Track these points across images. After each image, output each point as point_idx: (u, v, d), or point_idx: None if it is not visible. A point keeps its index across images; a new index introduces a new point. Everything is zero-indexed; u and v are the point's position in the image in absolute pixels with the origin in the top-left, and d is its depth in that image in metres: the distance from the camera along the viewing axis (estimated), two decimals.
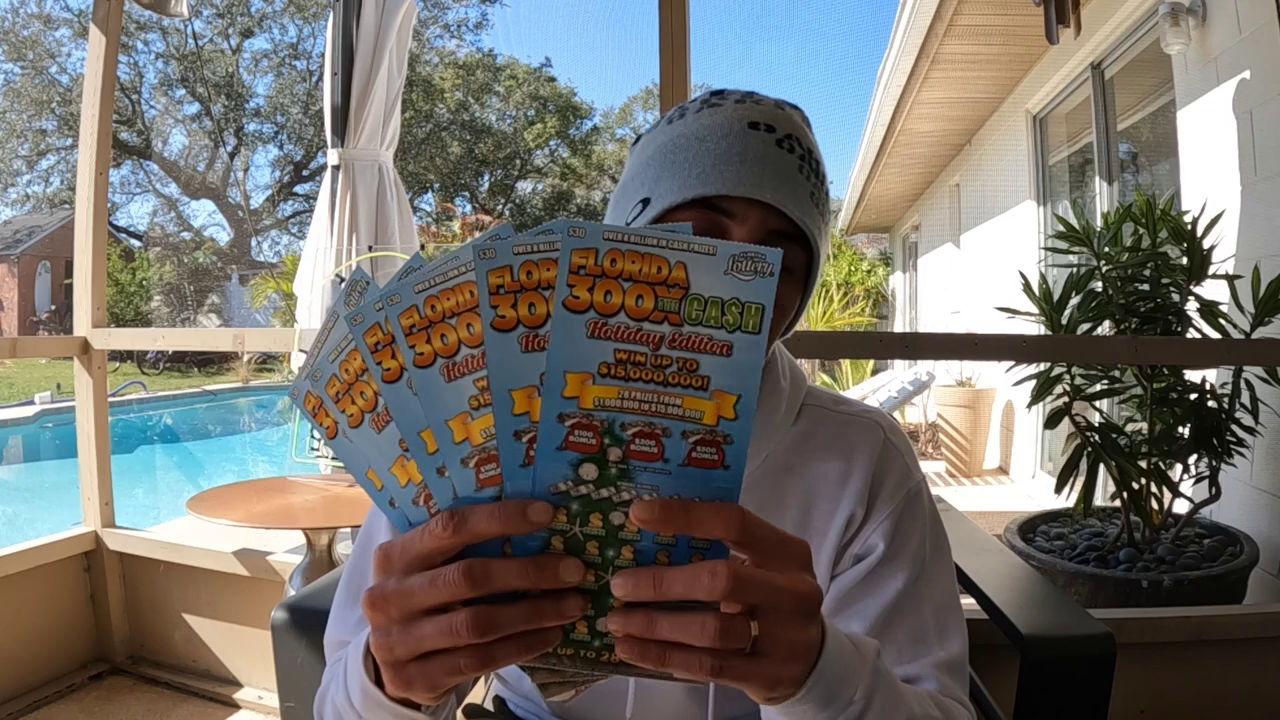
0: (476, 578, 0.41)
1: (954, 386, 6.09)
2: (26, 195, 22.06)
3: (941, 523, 0.78)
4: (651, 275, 0.38)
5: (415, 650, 0.44)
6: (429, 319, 0.40)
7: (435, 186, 24.13)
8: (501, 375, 0.40)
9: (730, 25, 38.14)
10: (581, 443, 0.39)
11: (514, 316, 0.39)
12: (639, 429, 0.39)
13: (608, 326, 0.39)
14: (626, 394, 0.39)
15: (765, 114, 0.70)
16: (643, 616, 0.41)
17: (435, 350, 0.40)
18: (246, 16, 21.55)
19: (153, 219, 23.75)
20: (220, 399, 13.17)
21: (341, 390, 0.42)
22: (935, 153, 7.11)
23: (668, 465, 0.40)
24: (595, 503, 0.40)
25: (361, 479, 0.44)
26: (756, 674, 0.43)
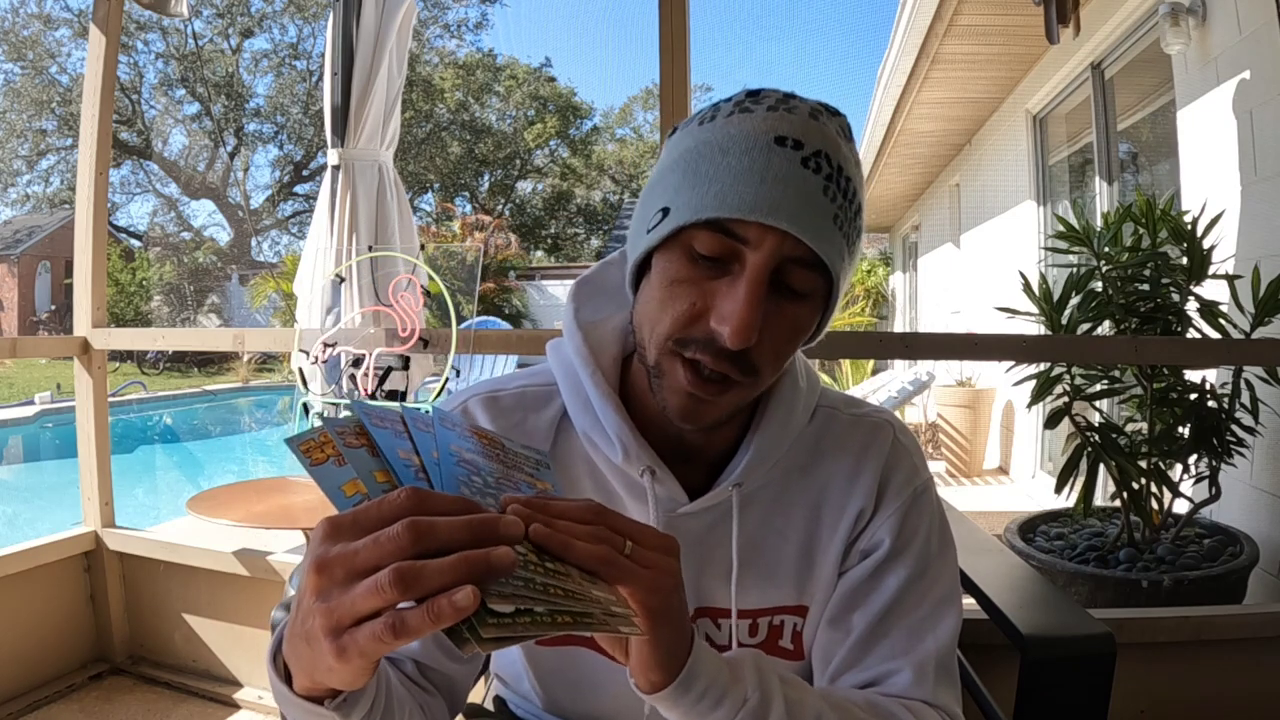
0: (421, 532, 0.42)
1: (954, 386, 6.10)
2: (26, 195, 22.08)
3: (948, 523, 0.79)
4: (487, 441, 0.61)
5: (350, 614, 0.43)
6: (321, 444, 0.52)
7: (435, 186, 24.13)
8: (330, 484, 0.50)
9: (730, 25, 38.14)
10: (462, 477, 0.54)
11: (324, 456, 0.51)
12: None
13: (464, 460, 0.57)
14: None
15: (796, 126, 0.65)
16: (550, 521, 0.50)
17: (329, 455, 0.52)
18: (246, 16, 21.55)
19: (153, 219, 23.77)
20: (220, 399, 13.16)
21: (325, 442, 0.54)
22: (935, 153, 7.11)
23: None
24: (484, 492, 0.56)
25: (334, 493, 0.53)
26: (634, 573, 0.52)
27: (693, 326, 0.64)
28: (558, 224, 26.26)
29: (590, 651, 0.78)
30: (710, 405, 0.67)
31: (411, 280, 2.28)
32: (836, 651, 0.74)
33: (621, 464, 0.73)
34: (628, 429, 0.72)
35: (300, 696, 0.53)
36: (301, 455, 0.50)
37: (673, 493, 0.74)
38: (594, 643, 0.78)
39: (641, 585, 0.52)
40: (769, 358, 0.66)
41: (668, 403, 0.68)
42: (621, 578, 0.51)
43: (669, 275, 0.65)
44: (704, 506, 0.75)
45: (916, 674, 0.71)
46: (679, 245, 0.65)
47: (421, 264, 2.45)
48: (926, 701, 0.71)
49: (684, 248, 0.65)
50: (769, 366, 0.66)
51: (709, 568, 0.76)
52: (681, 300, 0.64)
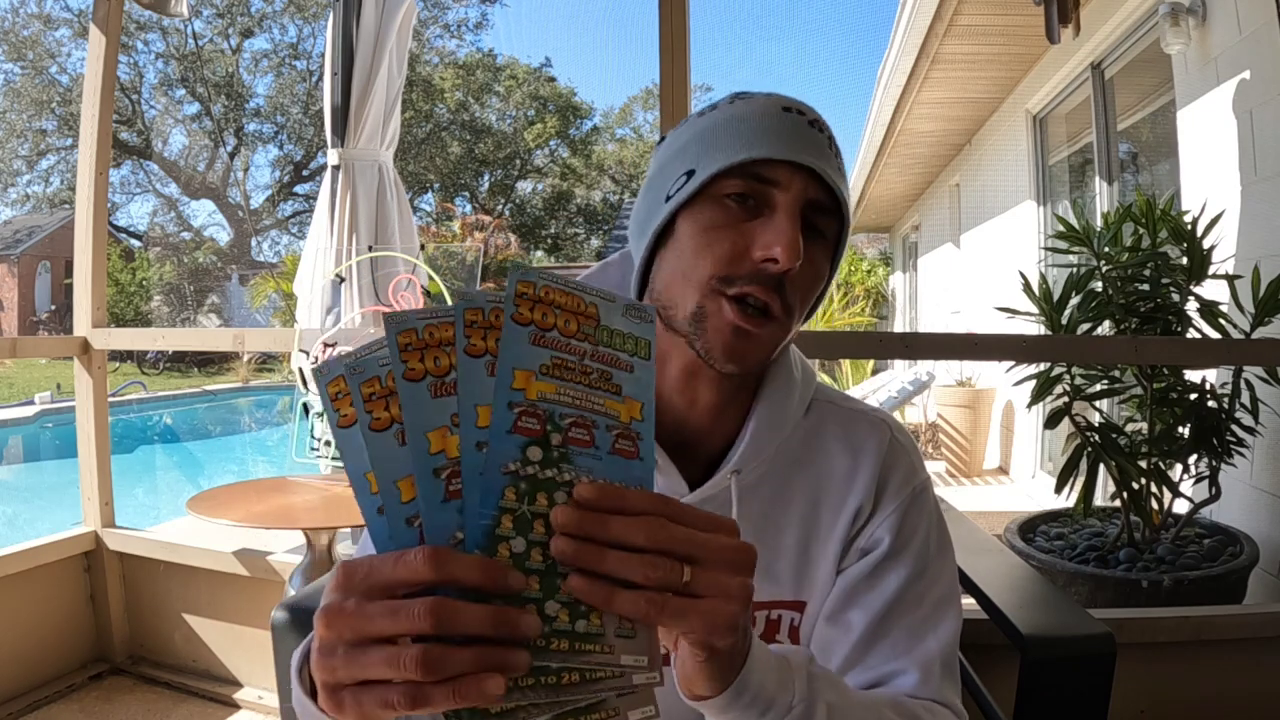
0: (442, 618, 0.41)
1: (954, 386, 6.10)
2: (26, 195, 22.08)
3: (945, 522, 0.80)
4: (574, 307, 0.49)
5: (357, 676, 0.43)
6: (425, 342, 0.46)
7: (435, 186, 24.13)
8: (417, 419, 0.45)
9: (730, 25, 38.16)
10: (528, 427, 0.46)
11: (421, 369, 0.46)
12: (574, 419, 0.47)
13: (545, 338, 0.47)
14: (562, 390, 0.47)
15: (794, 103, 0.74)
16: (595, 547, 0.44)
17: (427, 369, 0.46)
18: (246, 16, 21.55)
19: (153, 219, 23.76)
20: (220, 399, 13.16)
21: (378, 394, 0.46)
22: (935, 153, 7.11)
23: (598, 452, 0.47)
24: (541, 482, 0.45)
25: (357, 478, 0.46)
26: (692, 611, 0.46)
27: (736, 263, 0.68)
28: (558, 224, 26.26)
29: None
30: (755, 341, 0.69)
31: (411, 280, 2.28)
32: (836, 649, 0.74)
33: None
34: None
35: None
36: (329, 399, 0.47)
37: (673, 483, 0.74)
38: None
39: (698, 627, 0.47)
40: (799, 298, 0.70)
41: (713, 345, 0.69)
42: (674, 623, 0.46)
43: (703, 223, 0.69)
44: (703, 497, 0.75)
45: (922, 674, 0.71)
46: (708, 198, 0.70)
47: (421, 264, 2.45)
48: (936, 701, 0.71)
49: (714, 199, 0.69)
50: (798, 308, 0.71)
51: None
52: (722, 241, 0.68)
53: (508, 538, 0.44)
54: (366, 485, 0.46)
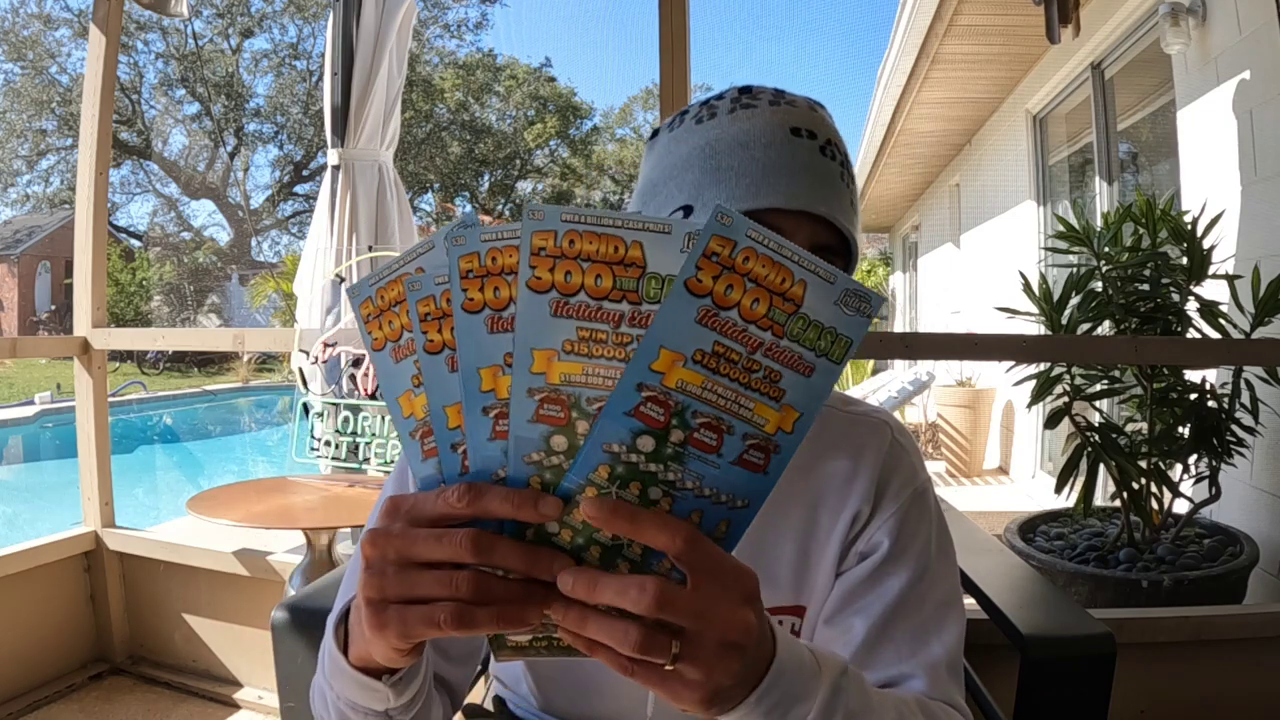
0: (482, 548, 0.43)
1: (954, 386, 6.09)
2: (26, 195, 22.07)
3: (946, 524, 0.79)
4: (609, 255, 0.39)
5: (407, 592, 0.45)
6: (488, 269, 0.41)
7: (435, 186, 24.13)
8: (470, 353, 0.42)
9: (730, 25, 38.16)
10: (650, 415, 0.40)
11: (481, 300, 0.41)
12: (707, 420, 0.41)
13: (718, 319, 0.40)
14: (709, 385, 0.40)
15: (803, 118, 0.68)
16: (577, 613, 0.43)
17: (485, 300, 0.41)
18: (246, 16, 21.54)
19: (153, 219, 23.76)
20: (220, 399, 13.16)
21: (434, 314, 0.43)
22: (935, 153, 7.11)
23: (720, 460, 0.41)
24: (640, 473, 0.41)
25: (391, 400, 0.46)
26: (664, 685, 0.44)
27: None
28: None
29: None
30: None
31: None
32: (838, 653, 0.74)
33: None
34: None
35: (355, 668, 0.55)
36: (361, 320, 0.45)
37: None
38: None
39: (678, 697, 0.45)
40: None
41: None
42: (653, 689, 0.45)
43: None
44: None
45: (930, 678, 0.70)
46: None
47: None
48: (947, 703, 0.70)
49: None
50: None
51: None
52: None
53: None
54: (400, 410, 0.45)
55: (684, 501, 0.42)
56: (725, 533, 0.44)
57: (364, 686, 0.56)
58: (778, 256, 0.39)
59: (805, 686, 0.52)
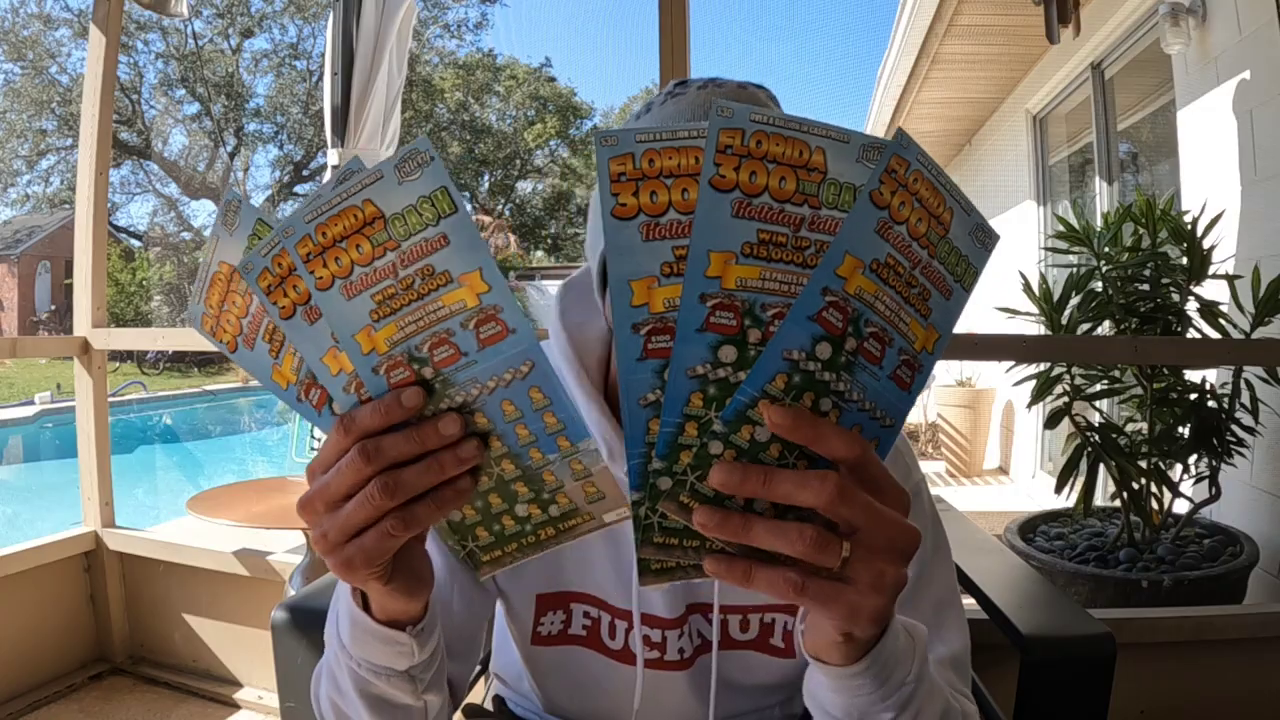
0: (370, 453, 0.45)
1: (954, 386, 6.09)
2: (26, 195, 22.07)
3: (941, 523, 0.78)
4: (793, 158, 0.39)
5: (345, 528, 0.47)
6: (321, 245, 0.43)
7: None
8: (621, 264, 0.40)
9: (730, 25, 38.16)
10: (831, 321, 0.39)
11: (635, 205, 0.39)
12: (875, 330, 0.40)
13: (891, 231, 0.39)
14: (880, 295, 0.40)
15: (727, 97, 0.67)
16: (739, 517, 0.41)
17: (332, 273, 0.43)
18: (246, 16, 21.54)
19: (153, 219, 23.75)
20: (220, 399, 13.16)
21: (274, 282, 0.44)
22: (935, 153, 7.07)
23: (880, 371, 0.41)
24: (815, 382, 0.40)
25: (268, 381, 0.48)
26: (839, 598, 0.42)
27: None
28: (558, 224, 26.25)
29: (589, 651, 0.78)
30: None
31: None
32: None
33: (607, 464, 0.73)
34: (612, 430, 0.72)
35: (378, 623, 0.57)
36: (260, 289, 0.45)
37: None
38: (594, 642, 0.78)
39: (841, 615, 0.43)
40: None
41: None
42: (816, 606, 0.43)
43: None
44: None
45: (951, 670, 0.70)
46: None
47: None
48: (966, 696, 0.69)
49: None
50: None
51: None
52: None
53: (756, 422, 0.40)
54: (277, 386, 0.47)
55: (849, 414, 0.42)
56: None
57: (389, 641, 0.57)
58: (936, 182, 0.41)
59: (904, 649, 0.52)
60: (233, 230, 0.47)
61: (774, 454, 0.41)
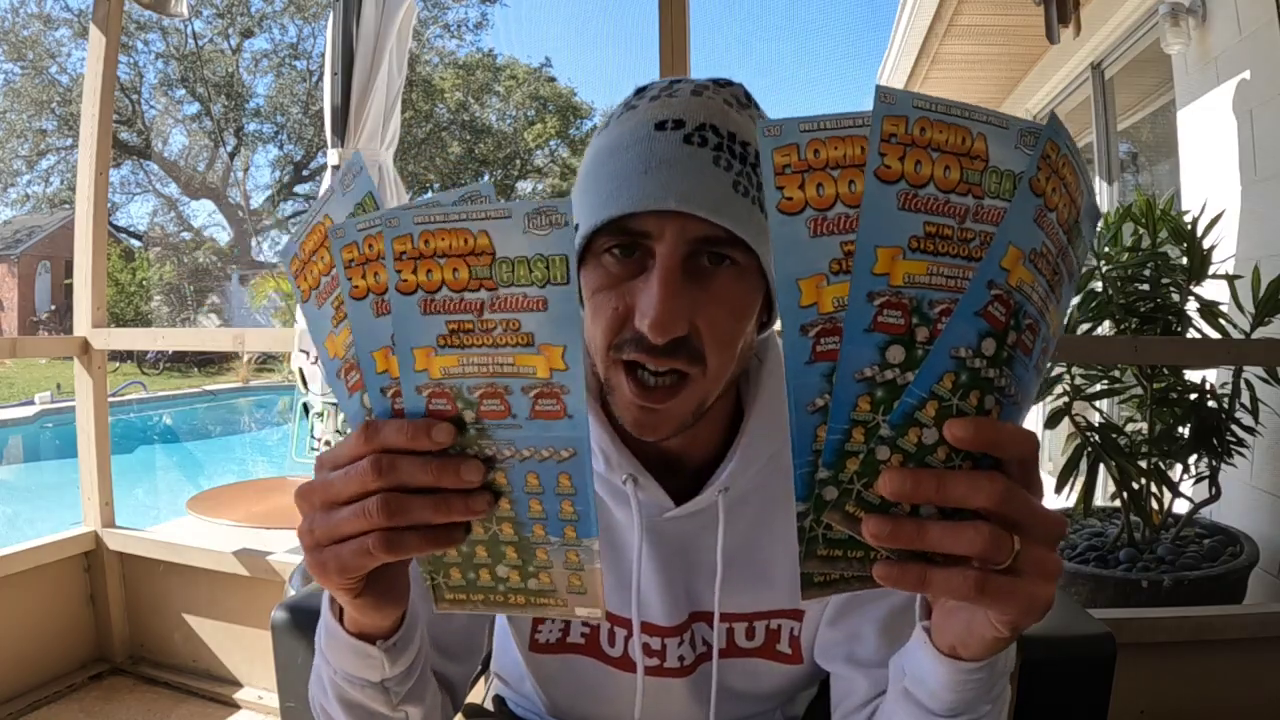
0: (383, 468, 0.44)
1: None
2: (26, 195, 22.08)
3: None
4: (957, 146, 0.37)
5: (333, 532, 0.46)
6: (420, 251, 0.42)
7: (435, 186, 24.13)
8: (788, 262, 0.38)
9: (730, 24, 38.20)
10: (889, 323, 0.38)
11: (801, 199, 0.38)
12: (1031, 322, 0.39)
13: (1046, 219, 0.38)
14: (1036, 285, 0.38)
15: (677, 107, 0.65)
16: (912, 523, 0.40)
17: (419, 282, 0.42)
18: (246, 16, 21.55)
19: (153, 219, 23.79)
20: (220, 399, 13.17)
21: (358, 260, 0.44)
22: None
23: (1029, 362, 0.40)
24: (981, 380, 0.39)
25: (320, 345, 0.47)
26: (1015, 592, 0.42)
27: (623, 329, 0.63)
28: None
29: (590, 659, 0.78)
30: (663, 414, 0.64)
31: None
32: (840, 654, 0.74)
33: (604, 472, 0.73)
34: (608, 438, 0.71)
35: (350, 634, 0.56)
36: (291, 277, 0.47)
37: (657, 498, 0.73)
38: (594, 649, 0.78)
39: (1015, 609, 0.43)
40: (713, 343, 0.62)
41: (624, 418, 0.66)
42: (992, 604, 0.43)
43: (590, 285, 0.64)
44: (690, 511, 0.73)
45: None
46: (592, 256, 0.65)
47: None
48: None
49: (596, 257, 0.64)
50: (715, 352, 0.63)
51: (699, 572, 0.75)
52: (605, 307, 0.63)
53: (924, 424, 0.39)
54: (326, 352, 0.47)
55: (1008, 409, 0.40)
56: None
57: (359, 654, 0.57)
58: (1078, 166, 0.39)
59: (1009, 655, 0.53)
60: (346, 191, 0.48)
61: (941, 456, 0.40)
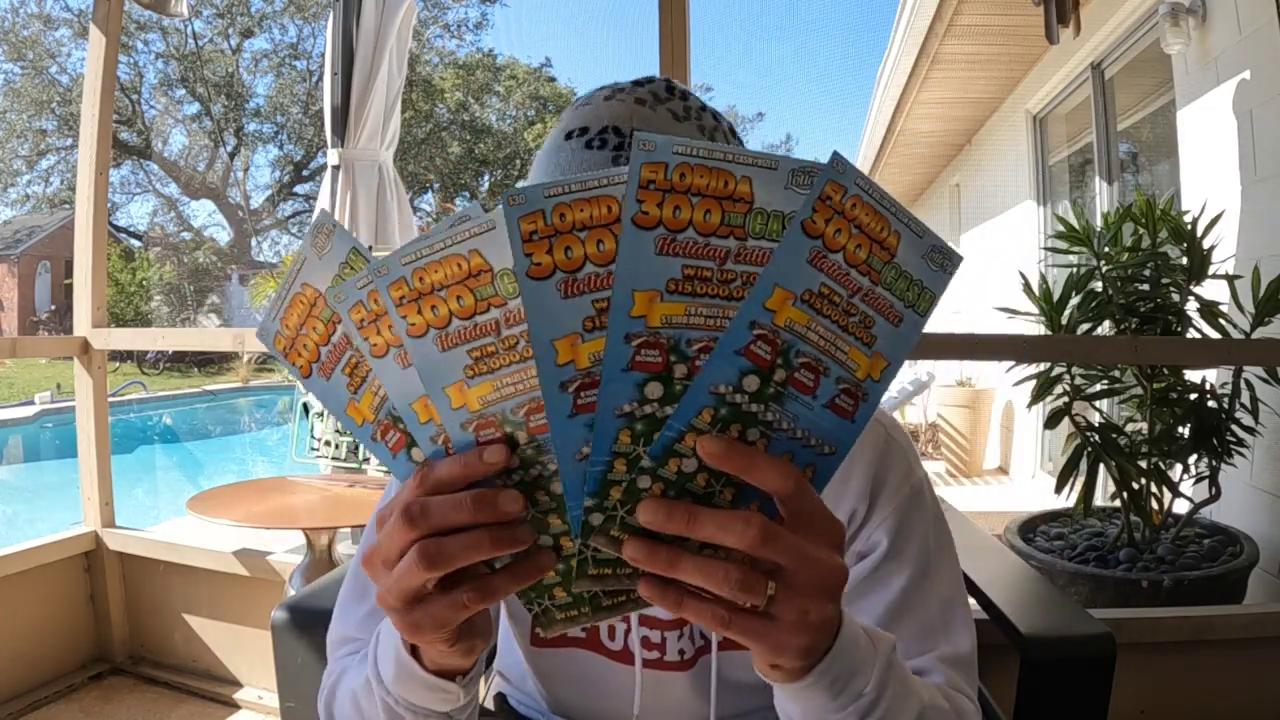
0: (414, 516, 0.43)
1: (954, 386, 6.09)
2: (26, 195, 22.07)
3: (945, 520, 0.78)
4: (718, 190, 0.38)
5: (400, 592, 0.45)
6: (418, 291, 0.41)
7: (435, 186, 24.13)
8: (542, 325, 0.39)
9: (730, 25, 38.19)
10: (758, 354, 0.39)
11: (550, 263, 0.39)
12: (807, 360, 0.40)
13: (826, 261, 0.39)
14: (813, 325, 0.40)
15: (587, 115, 0.67)
16: (667, 551, 0.41)
17: (427, 321, 0.41)
18: (246, 16, 21.54)
19: (153, 219, 23.78)
20: (220, 399, 13.17)
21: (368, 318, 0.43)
22: (935, 153, 7.11)
23: (814, 401, 0.41)
24: (742, 414, 0.40)
25: (341, 415, 0.46)
26: (764, 634, 0.43)
27: None
28: None
29: (591, 653, 0.78)
30: None
31: None
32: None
33: None
34: None
35: (429, 673, 0.55)
36: (280, 354, 0.45)
37: None
38: (594, 644, 0.78)
39: (766, 650, 0.44)
40: None
41: None
42: (742, 640, 0.43)
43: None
44: None
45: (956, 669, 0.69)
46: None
47: None
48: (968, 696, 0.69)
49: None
50: None
51: None
52: None
53: (683, 455, 0.40)
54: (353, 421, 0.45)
55: (778, 443, 0.42)
56: (811, 478, 0.43)
57: (435, 689, 0.56)
58: (879, 206, 0.40)
59: (863, 660, 0.52)
60: (322, 254, 0.45)
61: (701, 483, 0.41)
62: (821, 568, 0.43)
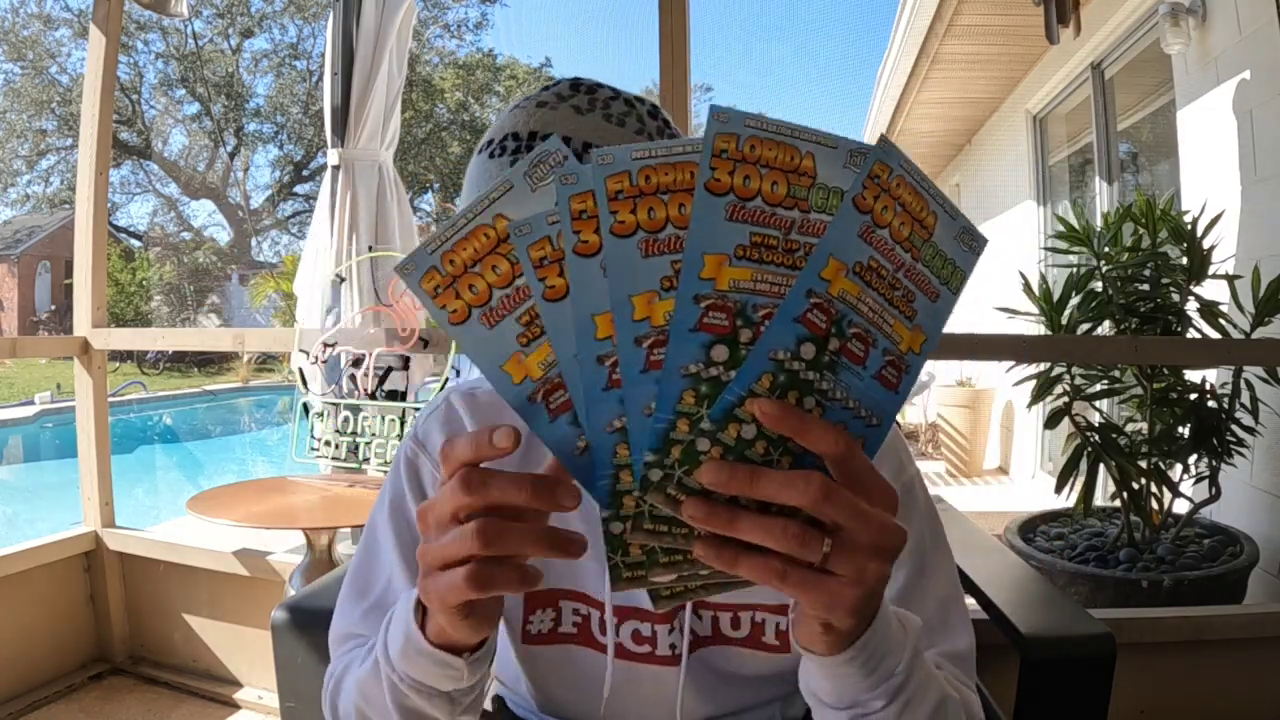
0: (473, 484, 0.45)
1: (954, 386, 6.09)
2: (26, 195, 22.07)
3: (938, 516, 0.77)
4: (785, 163, 0.40)
5: (438, 557, 0.47)
6: (640, 189, 0.40)
7: (435, 186, 24.12)
8: (622, 280, 0.40)
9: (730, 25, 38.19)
10: (715, 324, 0.40)
11: (633, 221, 0.40)
12: (859, 331, 0.41)
13: (874, 235, 0.41)
14: (864, 297, 0.41)
15: (496, 128, 0.70)
16: (726, 510, 0.42)
17: (639, 221, 0.40)
18: (246, 16, 21.53)
19: (153, 219, 23.77)
20: (220, 399, 13.17)
21: (551, 258, 0.42)
22: (935, 153, 7.11)
23: (864, 371, 0.42)
24: (800, 381, 0.41)
25: (494, 371, 0.43)
26: (820, 586, 0.43)
27: None
28: None
29: (585, 649, 0.78)
30: None
31: None
32: None
33: None
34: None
35: (435, 645, 0.56)
36: (428, 296, 0.42)
37: None
38: (586, 639, 0.78)
39: (820, 604, 0.44)
40: None
41: None
42: (796, 594, 0.44)
43: None
44: None
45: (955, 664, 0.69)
46: None
47: None
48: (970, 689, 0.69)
49: None
50: None
51: None
52: None
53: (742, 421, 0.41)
54: (509, 378, 0.43)
55: (832, 412, 0.43)
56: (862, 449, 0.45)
57: (440, 664, 0.56)
58: (919, 187, 0.42)
59: (896, 640, 0.52)
60: (537, 187, 0.42)
61: (760, 451, 0.42)
62: (878, 527, 0.43)
